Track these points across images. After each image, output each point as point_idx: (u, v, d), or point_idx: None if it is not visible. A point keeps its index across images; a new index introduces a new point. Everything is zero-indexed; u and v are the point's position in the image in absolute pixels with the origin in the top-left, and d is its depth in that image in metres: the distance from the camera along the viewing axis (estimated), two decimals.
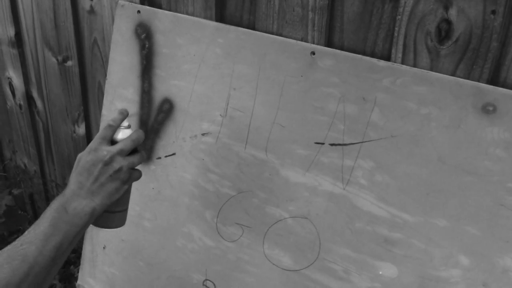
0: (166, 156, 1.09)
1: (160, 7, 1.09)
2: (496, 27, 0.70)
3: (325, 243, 0.89)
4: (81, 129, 1.53)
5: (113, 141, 0.84)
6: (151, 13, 1.07)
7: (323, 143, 0.87)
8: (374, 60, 0.81)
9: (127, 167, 0.82)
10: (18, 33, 1.59)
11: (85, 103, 1.47)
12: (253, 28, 0.96)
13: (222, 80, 0.98)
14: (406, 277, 0.81)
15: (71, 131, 1.57)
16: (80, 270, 1.31)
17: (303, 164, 0.90)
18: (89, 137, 1.52)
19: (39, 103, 1.67)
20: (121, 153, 0.82)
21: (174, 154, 1.08)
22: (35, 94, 1.66)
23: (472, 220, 0.75)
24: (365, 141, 0.83)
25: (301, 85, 0.88)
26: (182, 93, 1.04)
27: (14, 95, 1.77)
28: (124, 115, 0.86)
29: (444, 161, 0.76)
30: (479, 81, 0.73)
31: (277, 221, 0.94)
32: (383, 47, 0.83)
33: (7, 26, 1.60)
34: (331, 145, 0.86)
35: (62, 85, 1.51)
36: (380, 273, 0.83)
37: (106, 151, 0.81)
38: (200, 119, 1.02)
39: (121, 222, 0.90)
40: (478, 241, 0.75)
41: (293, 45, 0.88)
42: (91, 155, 0.81)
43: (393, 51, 0.80)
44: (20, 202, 1.96)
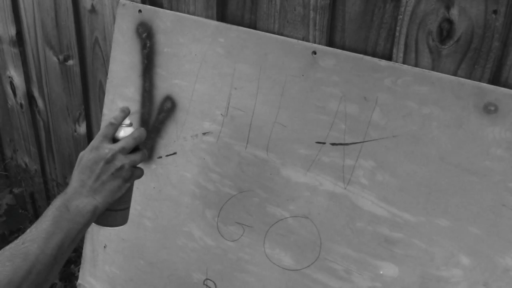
0: (167, 155, 1.09)
1: (161, 6, 1.09)
2: (497, 27, 0.70)
3: (326, 242, 0.89)
4: (82, 128, 1.52)
5: (114, 139, 0.84)
6: (152, 12, 1.07)
7: (324, 143, 0.87)
8: (376, 59, 0.81)
9: (129, 165, 0.82)
10: (19, 32, 1.59)
11: (86, 102, 1.47)
12: (255, 28, 0.96)
13: (223, 80, 0.98)
14: (407, 276, 0.81)
15: (72, 130, 1.57)
16: (80, 269, 1.31)
17: (304, 164, 0.90)
18: (90, 136, 1.52)
19: (40, 102, 1.66)
20: (123, 151, 0.81)
21: (175, 153, 1.08)
22: (36, 93, 1.66)
23: (473, 220, 0.75)
24: (366, 141, 0.83)
25: (302, 85, 0.88)
26: (183, 92, 1.04)
27: (15, 94, 1.77)
28: (126, 113, 0.86)
29: (446, 161, 0.76)
30: (480, 81, 0.73)
31: (278, 221, 0.94)
32: (384, 46, 0.83)
33: (8, 25, 1.60)
34: (332, 144, 0.86)
35: (63, 84, 1.51)
36: (381, 272, 0.83)
37: (108, 149, 0.81)
38: (201, 118, 1.02)
39: (123, 221, 0.89)
40: (479, 241, 0.75)
41: (294, 44, 0.88)
42: (93, 153, 0.81)
43: (394, 50, 0.80)
44: (21, 201, 1.96)
